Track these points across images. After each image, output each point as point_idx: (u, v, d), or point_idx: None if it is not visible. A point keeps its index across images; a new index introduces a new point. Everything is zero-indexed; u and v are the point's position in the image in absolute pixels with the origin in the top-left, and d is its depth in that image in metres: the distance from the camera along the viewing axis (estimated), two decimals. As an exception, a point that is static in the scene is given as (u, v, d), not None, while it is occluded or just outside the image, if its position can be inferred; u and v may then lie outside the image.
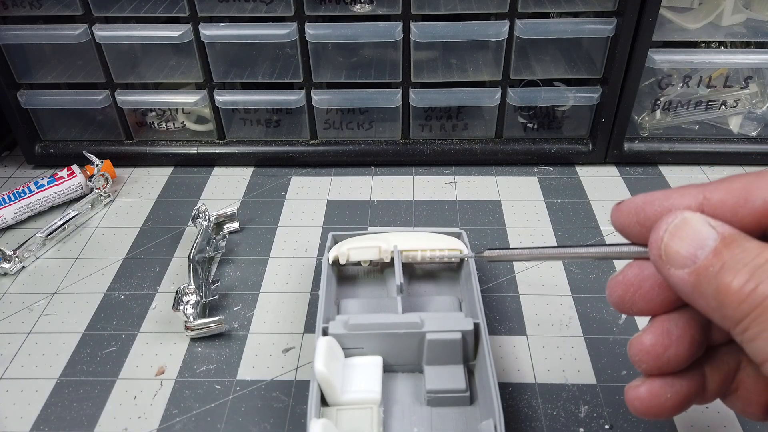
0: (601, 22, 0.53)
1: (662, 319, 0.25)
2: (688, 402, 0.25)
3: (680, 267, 0.22)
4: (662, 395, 0.25)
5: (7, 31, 0.54)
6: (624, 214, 0.25)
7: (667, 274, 0.22)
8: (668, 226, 0.23)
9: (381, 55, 0.58)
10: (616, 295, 0.26)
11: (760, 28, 0.54)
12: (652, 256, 0.23)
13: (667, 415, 0.25)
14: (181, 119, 0.62)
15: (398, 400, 0.37)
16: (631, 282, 0.25)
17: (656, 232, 0.23)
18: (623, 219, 0.25)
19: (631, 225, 0.25)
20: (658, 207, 0.24)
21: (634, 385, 0.26)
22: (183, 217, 0.55)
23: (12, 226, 0.54)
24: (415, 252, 0.43)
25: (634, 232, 0.25)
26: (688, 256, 0.22)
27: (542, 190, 0.57)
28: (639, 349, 0.25)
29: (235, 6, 0.54)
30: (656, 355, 0.25)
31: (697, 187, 0.24)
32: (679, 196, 0.24)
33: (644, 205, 0.25)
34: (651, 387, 0.25)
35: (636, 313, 0.26)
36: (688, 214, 0.22)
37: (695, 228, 0.22)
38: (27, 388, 0.40)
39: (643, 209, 0.25)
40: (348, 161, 0.61)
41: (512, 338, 0.42)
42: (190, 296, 0.43)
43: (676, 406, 0.25)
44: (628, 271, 0.25)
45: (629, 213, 0.25)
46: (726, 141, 0.59)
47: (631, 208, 0.25)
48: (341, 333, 0.37)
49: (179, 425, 0.37)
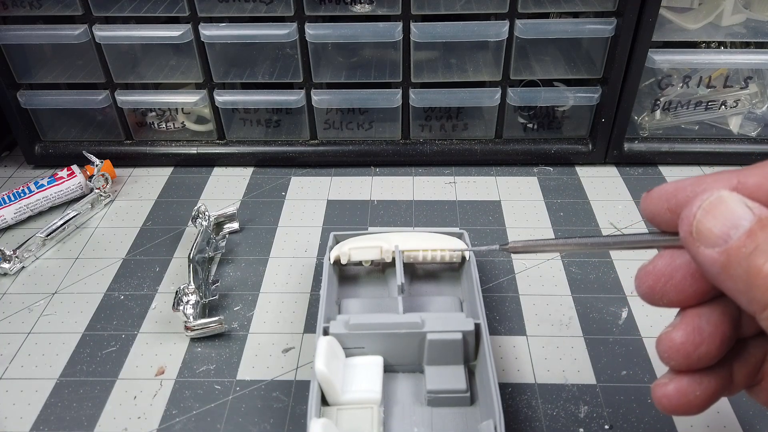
0: (601, 22, 0.53)
1: (693, 314, 0.24)
2: (716, 397, 0.25)
3: (711, 246, 0.21)
4: (691, 393, 0.24)
5: (7, 31, 0.54)
6: (654, 201, 0.24)
7: (696, 252, 0.21)
8: (702, 203, 0.22)
9: (381, 55, 0.58)
10: (646, 285, 0.25)
11: (760, 28, 0.54)
12: (682, 233, 0.22)
13: (695, 412, 0.25)
14: (181, 119, 0.62)
15: (399, 400, 0.37)
16: (662, 272, 0.24)
17: (689, 209, 0.22)
18: (653, 206, 0.25)
19: (662, 212, 0.24)
20: (691, 192, 0.23)
21: (661, 383, 0.25)
22: (183, 217, 0.55)
23: (12, 226, 0.54)
24: (417, 252, 0.43)
25: (665, 219, 0.24)
26: (720, 234, 0.21)
27: (542, 190, 0.57)
28: (669, 346, 0.24)
29: (235, 6, 0.54)
30: (687, 352, 0.24)
31: (731, 172, 0.23)
32: (712, 181, 0.23)
33: (676, 191, 0.24)
34: (680, 385, 0.24)
35: (666, 304, 0.25)
36: (725, 192, 0.22)
37: (731, 207, 0.21)
38: (27, 388, 0.40)
39: (674, 195, 0.24)
40: (348, 161, 0.61)
41: (512, 338, 0.42)
42: (190, 296, 0.43)
43: (704, 403, 0.25)
44: (658, 261, 0.24)
45: (660, 199, 0.24)
46: (726, 141, 0.59)
47: (662, 195, 0.24)
48: (342, 333, 0.37)
49: (179, 425, 0.37)
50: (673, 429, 0.36)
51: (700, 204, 0.22)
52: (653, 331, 0.43)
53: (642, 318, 0.44)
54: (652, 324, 0.43)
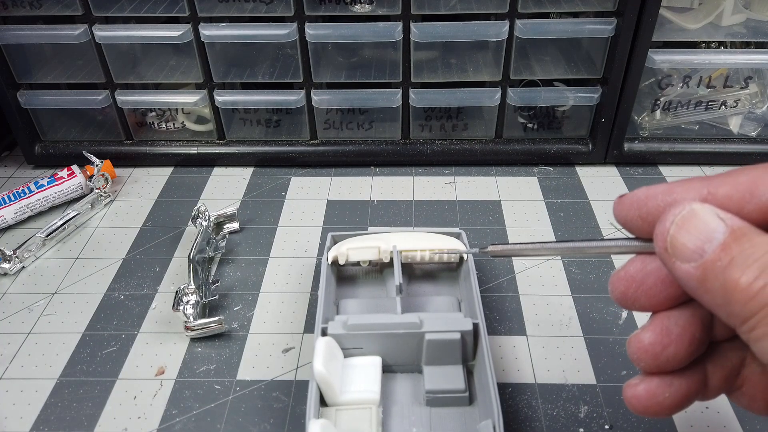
0: (601, 22, 0.53)
1: (662, 316, 0.24)
2: (688, 400, 0.25)
3: (687, 261, 0.21)
4: (660, 394, 0.25)
5: (7, 31, 0.54)
6: (626, 208, 0.24)
7: (673, 267, 0.22)
8: (675, 217, 0.22)
9: (381, 55, 0.58)
10: (619, 291, 0.25)
11: (760, 28, 0.54)
12: (657, 249, 0.22)
13: (666, 414, 0.25)
14: (181, 119, 0.62)
15: (397, 400, 0.37)
16: (633, 277, 0.24)
17: (662, 224, 0.22)
18: (625, 212, 0.24)
19: (633, 219, 0.24)
20: (661, 201, 0.23)
21: (632, 384, 0.25)
22: (183, 217, 0.55)
23: (12, 227, 0.54)
24: (415, 252, 0.43)
25: (636, 225, 0.24)
26: (695, 249, 0.21)
27: (542, 190, 0.57)
28: (637, 347, 0.24)
29: (235, 6, 0.54)
30: (654, 353, 0.24)
31: (701, 180, 0.23)
32: (683, 191, 0.23)
33: (646, 198, 0.24)
34: (649, 386, 0.25)
35: (639, 308, 0.25)
36: (697, 205, 0.21)
37: (704, 220, 0.21)
38: (27, 388, 0.40)
39: (645, 203, 0.24)
40: (348, 161, 0.61)
41: (512, 338, 0.42)
42: (190, 296, 0.43)
43: (675, 405, 0.25)
44: (630, 267, 0.25)
45: (631, 206, 0.24)
46: (726, 141, 0.59)
47: (633, 202, 0.24)
48: (340, 333, 0.37)
49: (179, 425, 0.37)
50: (673, 429, 0.36)
51: (673, 219, 0.21)
52: (653, 331, 0.42)
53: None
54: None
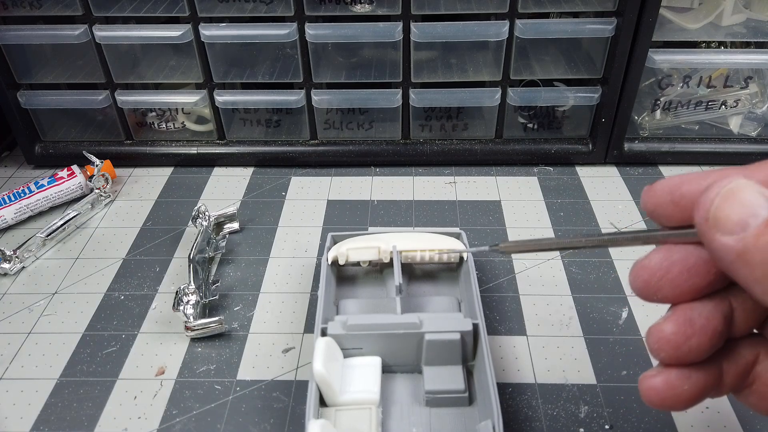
0: (601, 22, 0.53)
1: (684, 308, 0.24)
2: (704, 394, 0.25)
3: (728, 233, 0.20)
4: (679, 386, 0.24)
5: (7, 31, 0.54)
6: (658, 193, 0.24)
7: (712, 238, 0.21)
8: (721, 189, 0.21)
9: (381, 55, 0.58)
10: (642, 279, 0.24)
11: (760, 28, 0.54)
12: (698, 218, 0.22)
13: (681, 407, 0.25)
14: (181, 119, 0.62)
15: (397, 400, 0.37)
16: (658, 266, 0.24)
17: (706, 195, 0.21)
18: (657, 198, 0.24)
19: (665, 205, 0.24)
20: (697, 185, 0.23)
21: (649, 375, 0.25)
22: (183, 218, 0.55)
23: (12, 227, 0.54)
24: (415, 252, 0.43)
25: (667, 213, 0.24)
26: (738, 222, 0.20)
27: (542, 190, 0.57)
28: (659, 338, 0.24)
29: (235, 6, 0.54)
30: (677, 344, 0.24)
31: (736, 169, 0.23)
32: (719, 176, 0.23)
33: (681, 183, 0.23)
34: (668, 377, 0.24)
35: (661, 299, 0.24)
36: (743, 180, 0.21)
37: (749, 195, 0.21)
38: (27, 389, 0.40)
39: (679, 187, 0.23)
40: (348, 161, 0.61)
41: (512, 338, 0.42)
42: (190, 296, 0.43)
43: (691, 399, 0.25)
44: (654, 256, 0.24)
45: (663, 191, 0.24)
46: (726, 141, 0.59)
47: (666, 187, 0.24)
48: (340, 333, 0.37)
49: (179, 425, 0.37)
50: (674, 429, 0.36)
51: (718, 191, 0.21)
52: (653, 332, 0.42)
53: (642, 318, 0.44)
54: (653, 324, 0.43)
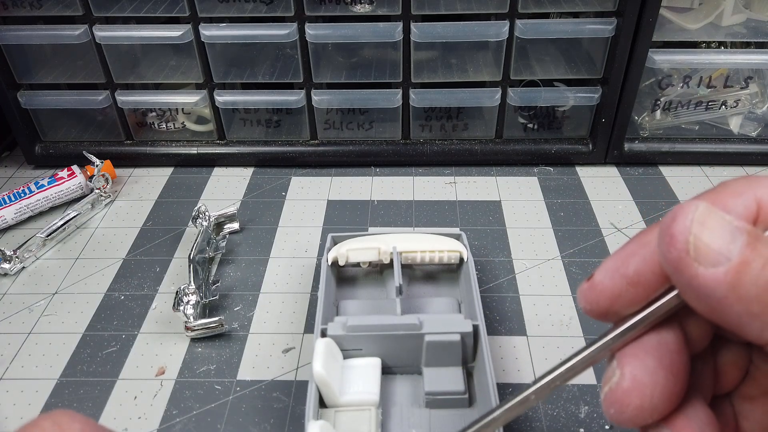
0: (601, 22, 0.53)
1: (686, 424, 0.20)
2: None
3: (713, 264, 0.17)
4: None
5: (7, 31, 0.54)
6: (608, 284, 0.20)
7: (694, 275, 0.18)
8: (693, 214, 0.18)
9: (381, 56, 0.58)
10: (633, 408, 0.20)
11: (760, 29, 0.54)
12: (674, 253, 0.18)
13: None
14: (182, 119, 0.62)
15: (397, 401, 0.37)
16: (643, 382, 0.20)
17: (680, 222, 0.18)
18: (609, 290, 0.20)
19: (622, 292, 0.20)
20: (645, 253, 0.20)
21: None
22: (183, 218, 0.55)
23: (12, 227, 0.54)
24: (415, 253, 0.43)
25: (629, 298, 0.20)
26: (719, 250, 0.17)
27: (542, 190, 0.57)
28: None
29: (235, 6, 0.54)
30: None
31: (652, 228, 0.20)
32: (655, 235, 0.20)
33: (625, 259, 0.20)
34: None
35: (656, 420, 0.20)
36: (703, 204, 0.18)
37: (720, 217, 0.18)
38: (27, 389, 0.40)
39: (627, 265, 0.20)
40: (348, 161, 0.61)
41: (512, 339, 0.42)
42: (190, 296, 0.43)
43: None
44: (627, 374, 0.20)
45: (613, 279, 0.20)
46: (726, 141, 0.59)
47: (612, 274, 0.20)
48: (340, 334, 0.37)
49: (179, 425, 0.37)
50: (672, 430, 0.36)
51: (692, 216, 0.18)
52: (653, 332, 0.42)
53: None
54: None
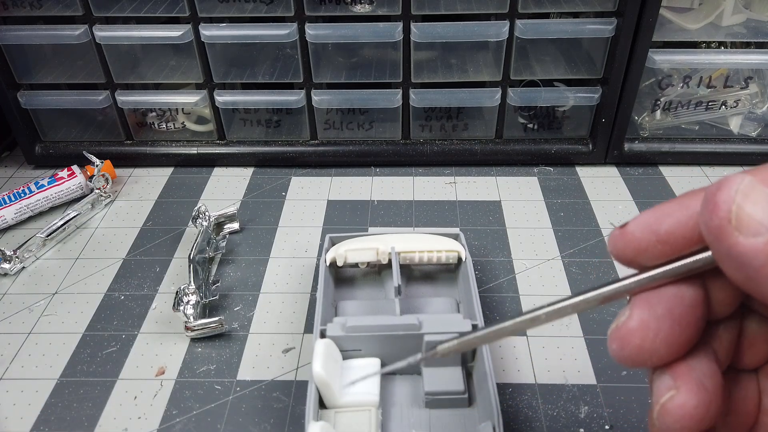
0: (601, 22, 0.53)
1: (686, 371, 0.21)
2: None
3: (753, 234, 0.18)
4: None
5: (7, 31, 0.54)
6: (638, 236, 0.21)
7: (734, 243, 0.18)
8: (738, 185, 0.18)
9: (381, 56, 0.58)
10: (633, 345, 0.21)
11: (760, 29, 0.54)
12: (716, 221, 0.19)
13: None
14: (182, 119, 0.62)
15: (396, 402, 0.37)
16: (647, 326, 0.21)
17: (725, 194, 0.18)
18: (638, 241, 0.21)
19: (650, 247, 0.21)
20: (681, 215, 0.20)
21: None
22: (183, 218, 0.55)
23: (12, 227, 0.54)
24: (413, 253, 0.43)
25: (655, 253, 0.21)
26: (762, 221, 0.18)
27: (542, 190, 0.57)
28: (681, 416, 0.21)
29: (235, 6, 0.54)
30: (700, 418, 0.21)
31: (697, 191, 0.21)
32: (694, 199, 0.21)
33: (660, 218, 0.21)
34: None
35: (655, 363, 0.21)
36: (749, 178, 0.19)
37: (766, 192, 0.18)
38: (27, 389, 0.40)
39: (660, 224, 0.21)
40: (348, 161, 0.61)
41: (512, 339, 0.42)
42: (190, 297, 0.43)
43: None
44: (635, 315, 0.21)
45: (644, 232, 0.21)
46: (726, 141, 0.59)
47: (644, 227, 0.21)
48: (339, 335, 0.37)
49: (179, 425, 0.37)
50: (672, 430, 0.36)
51: (736, 187, 0.18)
52: (653, 332, 0.43)
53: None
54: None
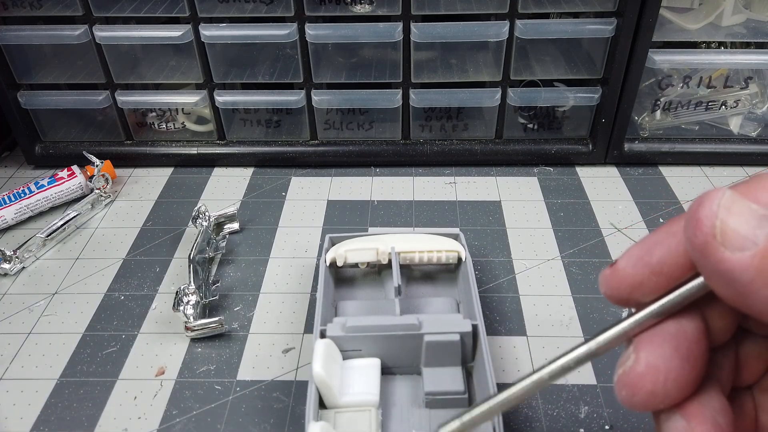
0: (601, 22, 0.53)
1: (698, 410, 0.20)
2: None
3: (740, 249, 0.18)
4: None
5: (7, 31, 0.54)
6: (630, 271, 0.21)
7: (721, 259, 0.18)
8: (720, 200, 0.18)
9: (381, 56, 0.58)
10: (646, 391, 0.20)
11: (760, 29, 0.54)
12: (701, 238, 0.18)
13: None
14: (182, 120, 0.62)
15: (396, 402, 0.37)
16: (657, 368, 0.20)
17: (706, 208, 0.18)
18: (630, 278, 0.21)
19: (644, 280, 0.20)
20: (670, 243, 0.20)
21: None
22: (183, 218, 0.55)
23: (12, 227, 0.54)
24: (413, 253, 0.43)
25: (650, 287, 0.21)
26: (746, 235, 0.18)
27: (542, 190, 0.57)
28: None
29: (235, 6, 0.54)
30: None
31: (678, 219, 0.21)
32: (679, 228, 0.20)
33: (650, 248, 0.20)
34: None
35: (667, 406, 0.20)
36: (729, 191, 0.19)
37: (746, 203, 0.18)
38: (27, 389, 0.40)
39: (651, 253, 0.20)
40: (348, 161, 0.61)
41: (512, 339, 0.42)
42: (190, 297, 0.43)
43: None
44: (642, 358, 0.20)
45: (636, 266, 0.21)
46: (726, 141, 0.59)
47: (635, 262, 0.21)
48: (339, 335, 0.37)
49: (179, 426, 0.37)
50: (672, 430, 0.36)
51: (719, 201, 0.18)
52: (653, 332, 0.43)
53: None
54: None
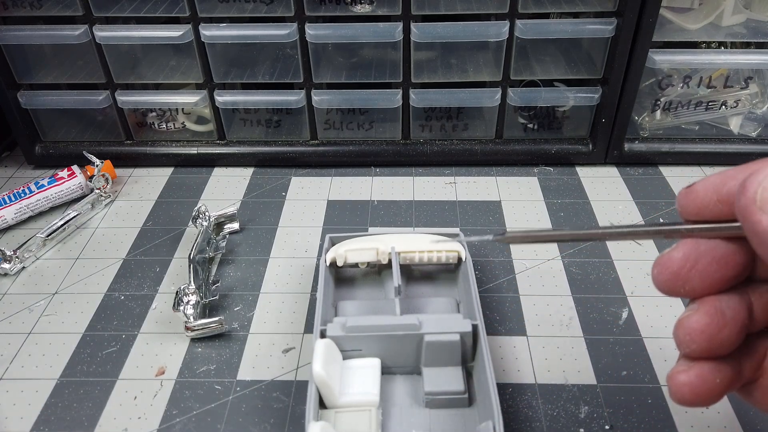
0: (601, 22, 0.53)
1: (712, 300, 0.24)
2: (731, 387, 0.25)
3: None
4: (711, 380, 0.24)
5: (7, 31, 0.54)
6: (701, 194, 0.24)
7: (757, 220, 0.21)
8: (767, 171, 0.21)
9: (381, 56, 0.58)
10: (670, 271, 0.24)
11: (760, 29, 0.54)
12: (744, 201, 0.21)
13: (711, 402, 0.25)
14: (182, 120, 0.62)
15: (396, 402, 0.37)
16: (686, 258, 0.24)
17: (753, 178, 0.21)
18: (701, 199, 0.24)
19: (711, 205, 0.24)
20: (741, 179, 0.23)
21: (680, 371, 0.25)
22: (183, 218, 0.55)
23: (12, 227, 0.54)
24: (413, 253, 0.43)
25: (714, 212, 0.24)
26: None
27: (542, 190, 0.57)
28: (691, 330, 0.24)
29: (235, 6, 0.54)
30: (710, 335, 0.23)
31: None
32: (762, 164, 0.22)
33: (725, 180, 0.23)
34: (701, 371, 0.24)
35: (687, 292, 0.24)
36: None
37: None
38: (27, 389, 0.40)
39: (723, 184, 0.23)
40: (348, 161, 0.61)
41: (512, 339, 0.42)
42: (190, 297, 0.43)
43: (721, 392, 0.24)
44: (680, 248, 0.24)
45: (707, 191, 0.24)
46: (726, 141, 0.59)
47: (709, 187, 0.24)
48: (339, 335, 0.37)
49: (179, 426, 0.37)
50: (674, 429, 0.36)
51: (766, 172, 0.21)
52: (653, 332, 0.43)
53: (642, 318, 0.44)
54: (653, 324, 0.43)
